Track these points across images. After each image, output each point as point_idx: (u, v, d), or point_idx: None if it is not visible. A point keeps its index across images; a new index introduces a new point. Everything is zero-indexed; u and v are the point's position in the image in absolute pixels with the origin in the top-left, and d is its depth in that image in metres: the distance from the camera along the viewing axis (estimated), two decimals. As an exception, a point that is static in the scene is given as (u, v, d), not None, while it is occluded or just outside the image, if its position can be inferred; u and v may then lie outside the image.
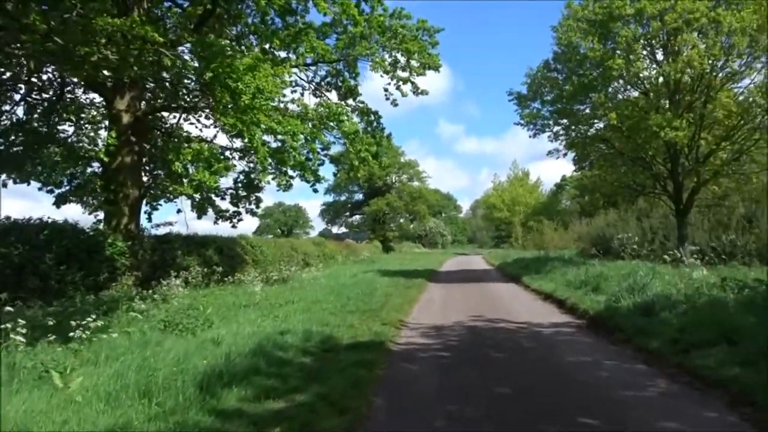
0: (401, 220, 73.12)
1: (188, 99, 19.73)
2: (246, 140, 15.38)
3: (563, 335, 9.21)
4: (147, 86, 19.26)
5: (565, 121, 21.46)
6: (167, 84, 18.41)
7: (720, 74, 17.38)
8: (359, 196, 73.31)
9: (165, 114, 20.94)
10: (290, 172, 19.69)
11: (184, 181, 16.82)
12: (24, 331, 6.57)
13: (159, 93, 20.43)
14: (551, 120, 21.12)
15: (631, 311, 9.41)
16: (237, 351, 7.49)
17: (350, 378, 6.57)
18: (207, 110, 18.66)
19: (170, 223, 21.57)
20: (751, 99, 16.46)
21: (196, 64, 12.54)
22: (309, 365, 7.30)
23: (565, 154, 21.79)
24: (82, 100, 19.88)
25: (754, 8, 16.05)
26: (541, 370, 7.00)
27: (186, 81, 18.35)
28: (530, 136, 23.42)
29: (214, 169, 16.50)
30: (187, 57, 13.57)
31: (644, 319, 8.64)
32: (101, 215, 18.94)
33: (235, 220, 21.71)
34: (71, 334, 7.32)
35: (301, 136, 17.61)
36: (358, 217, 74.75)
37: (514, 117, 57.84)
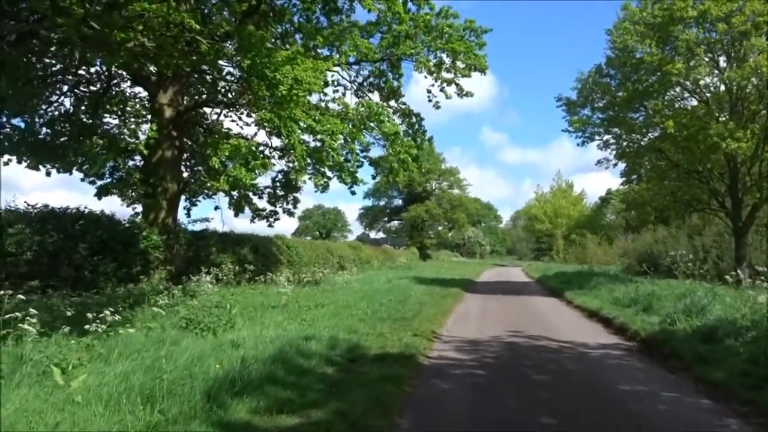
0: (440, 228, 72.10)
1: (230, 95, 19.67)
2: (284, 137, 15.09)
3: (613, 358, 8.37)
4: (190, 80, 19.28)
5: (616, 129, 20.39)
6: (207, 77, 18.31)
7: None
8: (398, 202, 72.66)
9: (207, 110, 20.92)
10: (328, 173, 19.47)
11: (221, 177, 16.65)
12: (35, 320, 6.23)
13: (201, 88, 20.47)
14: (602, 127, 20.07)
15: (689, 336, 8.50)
16: (255, 356, 7.01)
17: (375, 394, 5.99)
18: (248, 107, 18.47)
19: (207, 220, 21.57)
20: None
21: (234, 53, 12.28)
22: (331, 376, 6.75)
23: (615, 164, 20.71)
24: (127, 93, 20.08)
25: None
26: (589, 398, 6.25)
27: (227, 77, 18.31)
28: (578, 144, 22.67)
29: (251, 166, 16.29)
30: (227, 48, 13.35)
31: (706, 346, 7.73)
32: (140, 208, 19.00)
33: (271, 220, 21.59)
34: (87, 326, 7.00)
35: (341, 136, 17.24)
36: (396, 222, 74.10)
37: (558, 127, 56.54)
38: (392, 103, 21.15)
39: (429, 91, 20.32)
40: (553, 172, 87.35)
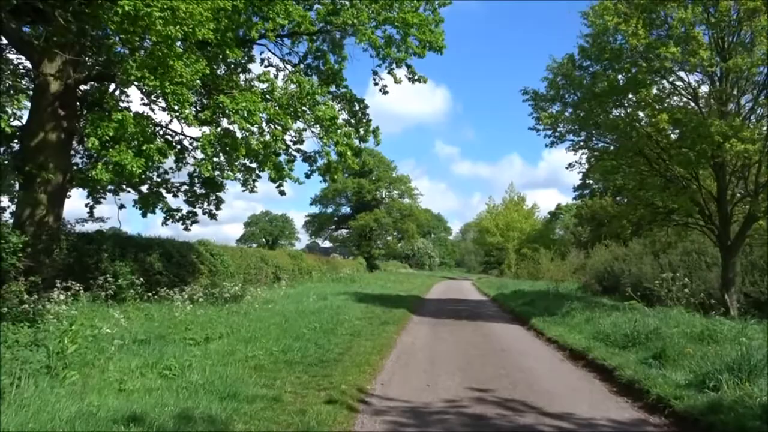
0: (389, 238, 68.91)
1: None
2: (171, 110, 11.52)
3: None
4: (83, 48, 15.32)
5: (585, 131, 17.63)
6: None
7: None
8: (346, 210, 69.12)
9: (111, 86, 16.98)
10: (254, 167, 16.23)
11: (99, 163, 12.89)
12: None
13: (99, 58, 16.53)
14: (577, 123, 17.11)
15: (756, 416, 5.36)
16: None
17: None
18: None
19: (102, 219, 17.65)
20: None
21: None
22: None
23: (588, 169, 17.86)
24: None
25: None
26: None
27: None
28: (546, 145, 19.76)
29: (144, 152, 12.56)
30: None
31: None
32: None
33: (188, 222, 18.04)
34: None
35: (262, 117, 13.84)
36: (344, 231, 70.50)
37: (509, 144, 54.62)
38: (332, 88, 17.79)
39: (375, 73, 17.07)
40: (502, 186, 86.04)
